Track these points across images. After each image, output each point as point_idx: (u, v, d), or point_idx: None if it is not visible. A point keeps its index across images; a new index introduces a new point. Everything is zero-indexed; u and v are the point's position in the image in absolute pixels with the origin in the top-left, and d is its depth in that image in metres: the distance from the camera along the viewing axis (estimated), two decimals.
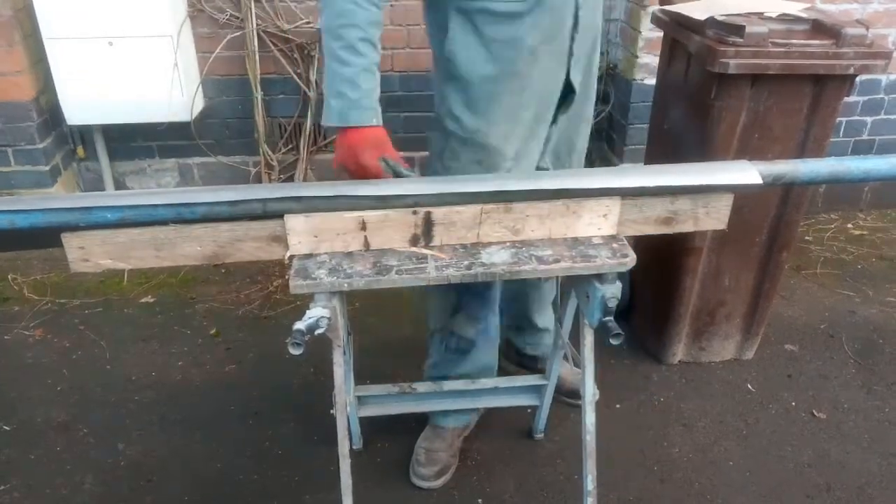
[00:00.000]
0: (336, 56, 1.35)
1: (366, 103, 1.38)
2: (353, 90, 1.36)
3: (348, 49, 1.35)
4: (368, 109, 1.39)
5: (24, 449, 2.00)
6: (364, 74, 1.37)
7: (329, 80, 1.38)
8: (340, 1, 1.33)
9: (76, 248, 1.27)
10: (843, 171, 1.38)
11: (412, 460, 1.95)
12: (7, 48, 2.67)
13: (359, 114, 1.38)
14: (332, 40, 1.35)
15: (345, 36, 1.34)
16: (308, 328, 1.19)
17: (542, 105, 1.59)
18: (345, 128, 1.39)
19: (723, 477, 1.95)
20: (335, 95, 1.37)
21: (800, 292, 2.75)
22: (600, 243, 1.34)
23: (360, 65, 1.36)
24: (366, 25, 1.35)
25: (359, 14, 1.34)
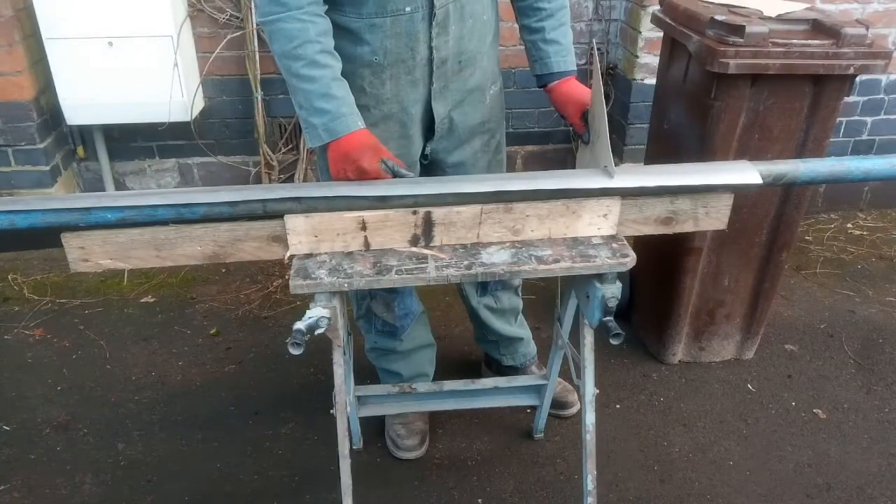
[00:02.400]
0: (300, 76, 1.34)
1: (346, 110, 1.37)
2: (330, 101, 1.35)
3: (311, 65, 1.33)
4: (351, 115, 1.38)
5: (24, 449, 2.00)
6: (335, 83, 1.36)
7: (304, 101, 1.36)
8: (286, 24, 1.32)
9: (76, 248, 1.27)
10: (843, 171, 1.38)
11: (389, 437, 1.99)
12: (7, 48, 2.67)
13: (344, 122, 1.37)
14: (291, 62, 1.34)
15: (303, 55, 1.33)
16: (308, 328, 1.20)
17: (396, 128, 1.56)
18: (334, 141, 1.38)
19: (723, 477, 1.95)
20: (315, 114, 1.36)
21: (800, 292, 2.75)
22: (600, 243, 1.35)
23: (327, 76, 1.35)
24: (319, 37, 1.34)
25: (309, 29, 1.33)
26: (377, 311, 1.88)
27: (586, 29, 3.14)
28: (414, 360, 2.03)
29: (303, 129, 1.41)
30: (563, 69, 1.62)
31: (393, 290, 1.84)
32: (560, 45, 1.61)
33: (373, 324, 1.92)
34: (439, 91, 1.55)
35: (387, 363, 2.02)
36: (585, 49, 3.18)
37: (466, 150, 1.68)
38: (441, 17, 1.45)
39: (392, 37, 1.44)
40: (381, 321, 1.90)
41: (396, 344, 1.96)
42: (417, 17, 1.43)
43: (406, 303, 1.91)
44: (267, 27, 1.36)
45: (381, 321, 1.90)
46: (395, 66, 1.48)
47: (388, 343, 1.96)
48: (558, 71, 1.62)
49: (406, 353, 2.00)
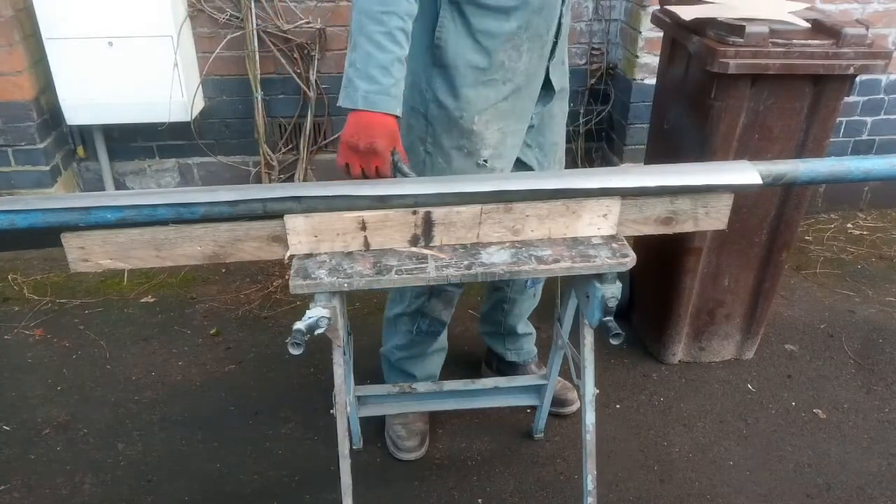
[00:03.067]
0: (374, 40, 1.33)
1: (395, 92, 1.37)
2: (386, 77, 1.34)
3: (388, 36, 1.33)
4: (396, 98, 1.38)
5: (24, 449, 2.00)
6: (398, 64, 1.36)
7: (360, 63, 1.34)
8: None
9: (76, 248, 1.27)
10: (843, 171, 1.38)
11: (390, 438, 1.99)
12: (7, 48, 2.67)
13: (387, 101, 1.36)
14: (370, 23, 1.33)
15: (386, 22, 1.32)
16: (308, 328, 1.20)
17: (523, 100, 1.62)
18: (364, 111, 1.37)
19: (723, 477, 1.95)
20: (366, 78, 1.34)
21: (800, 292, 2.75)
22: (600, 243, 1.35)
23: (396, 53, 1.35)
24: (406, 17, 1.35)
25: (402, 4, 1.34)
26: (432, 311, 1.86)
27: (586, 29, 3.14)
28: (430, 362, 2.04)
29: (343, 85, 1.38)
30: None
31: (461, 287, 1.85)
32: None
33: (417, 323, 1.90)
34: (556, 61, 1.64)
35: (408, 365, 2.00)
36: (585, 49, 3.18)
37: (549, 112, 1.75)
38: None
39: (537, 12, 1.50)
40: (429, 321, 1.88)
41: (433, 344, 1.96)
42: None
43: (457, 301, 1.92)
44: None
45: (428, 321, 1.88)
46: (533, 39, 1.54)
47: (427, 343, 1.95)
48: None
49: (430, 354, 2.01)
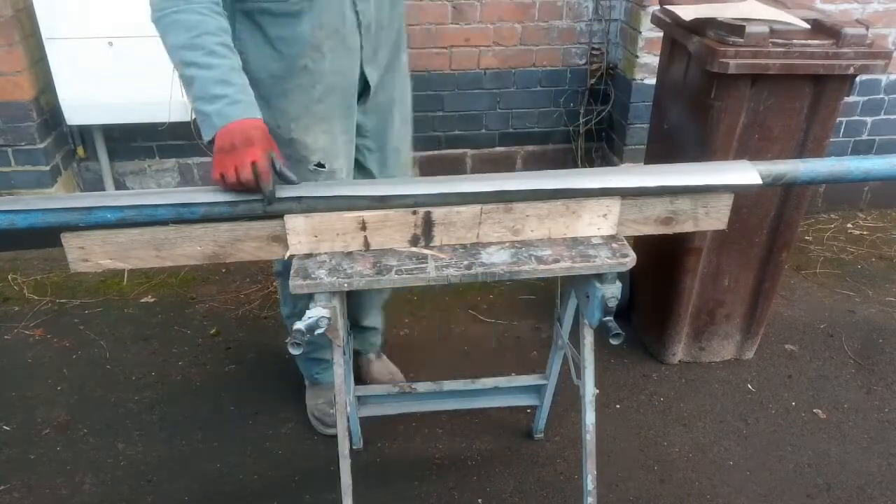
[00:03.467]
0: (198, 64, 1.29)
1: (244, 98, 1.31)
2: (228, 87, 1.30)
3: (210, 54, 1.29)
4: (249, 104, 1.32)
5: (24, 449, 2.00)
6: (234, 72, 1.32)
7: (198, 92, 1.29)
8: (184, 15, 1.29)
9: (76, 248, 1.27)
10: (843, 171, 1.38)
11: (314, 416, 2.06)
12: (7, 48, 2.67)
13: (241, 108, 1.30)
14: (188, 52, 1.29)
15: (202, 44, 1.29)
16: (308, 328, 1.20)
17: (339, 99, 1.61)
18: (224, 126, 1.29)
19: (723, 477, 1.95)
20: (210, 101, 1.28)
21: (800, 292, 2.75)
22: (600, 243, 1.35)
23: (226, 65, 1.31)
24: (219, 32, 1.32)
25: (209, 22, 1.31)
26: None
27: (586, 29, 3.14)
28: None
29: (198, 124, 1.32)
30: None
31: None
32: None
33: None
34: (370, 56, 1.60)
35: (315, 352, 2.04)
36: (585, 49, 3.18)
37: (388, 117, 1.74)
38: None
39: (325, 9, 1.47)
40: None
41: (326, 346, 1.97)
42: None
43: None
44: (162, 22, 1.31)
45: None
46: (332, 37, 1.51)
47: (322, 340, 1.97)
48: None
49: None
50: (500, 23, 3.05)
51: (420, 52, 3.05)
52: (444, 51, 3.07)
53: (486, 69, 3.15)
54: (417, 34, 3.01)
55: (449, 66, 3.11)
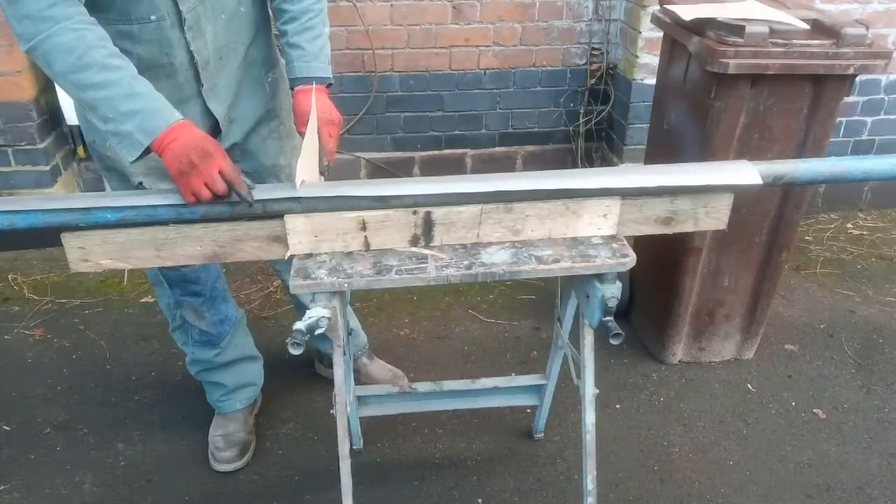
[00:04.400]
0: (95, 84, 1.20)
1: (158, 104, 1.24)
2: (138, 100, 1.22)
3: (104, 69, 1.20)
4: (166, 108, 1.25)
5: (24, 449, 2.00)
6: (136, 81, 1.24)
7: (108, 113, 1.21)
8: (60, 37, 1.18)
9: (76, 248, 1.27)
10: (843, 171, 1.38)
11: (210, 451, 1.96)
12: (7, 48, 2.67)
13: (162, 116, 1.24)
14: (80, 75, 1.19)
15: (91, 62, 1.19)
16: (308, 328, 1.20)
17: None
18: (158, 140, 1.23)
19: (723, 477, 1.95)
20: (123, 120, 1.21)
21: (800, 292, 2.75)
22: (600, 243, 1.35)
23: (125, 76, 1.23)
24: (102, 42, 1.22)
25: (87, 36, 1.20)
26: (190, 320, 1.83)
27: (586, 29, 3.14)
28: (237, 370, 2.00)
29: (116, 146, 1.25)
30: (300, 75, 1.55)
31: (200, 294, 1.80)
32: (303, 49, 1.53)
33: (189, 335, 1.87)
34: (210, 90, 1.49)
35: (209, 375, 1.98)
36: (585, 49, 3.18)
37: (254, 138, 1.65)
38: (192, 21, 1.38)
39: (142, 44, 1.36)
40: (198, 330, 1.85)
41: (216, 353, 1.91)
42: (166, 25, 1.36)
43: (220, 308, 1.86)
44: (38, 50, 1.19)
45: (197, 330, 1.85)
46: (153, 69, 1.39)
47: (207, 353, 1.91)
48: (294, 76, 1.55)
49: (228, 364, 1.96)
50: (500, 23, 3.05)
51: (420, 52, 3.05)
52: (444, 51, 3.07)
53: (486, 69, 3.15)
54: (417, 34, 3.01)
55: (449, 66, 3.11)
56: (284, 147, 1.72)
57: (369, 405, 1.88)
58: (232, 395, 2.00)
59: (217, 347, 1.91)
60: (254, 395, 2.07)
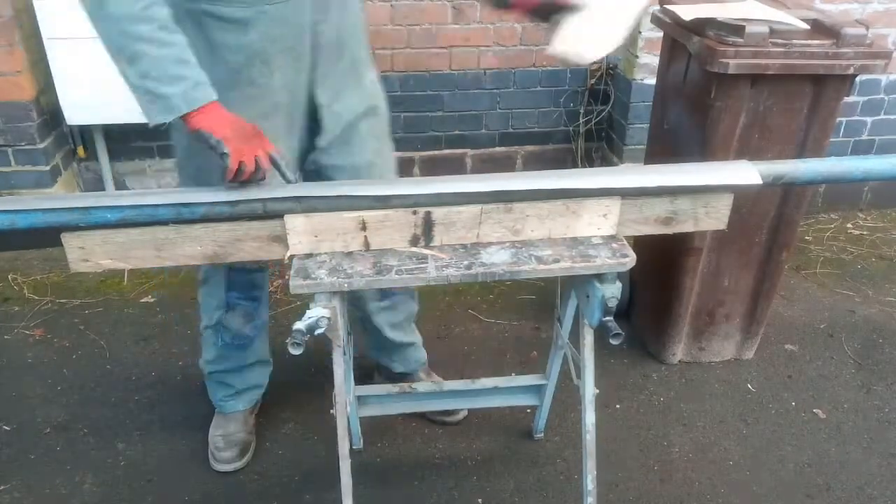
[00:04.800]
0: (151, 40, 1.18)
1: (204, 78, 1.25)
2: (189, 68, 1.22)
3: (164, 28, 1.19)
4: (209, 84, 1.26)
5: (24, 449, 2.00)
6: (187, 50, 1.23)
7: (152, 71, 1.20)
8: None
9: (76, 248, 1.27)
10: (843, 171, 1.38)
11: (209, 451, 1.95)
12: (7, 48, 2.67)
13: (204, 91, 1.24)
14: (138, 25, 1.17)
15: (154, 16, 1.18)
16: (308, 328, 1.20)
17: (284, 118, 1.52)
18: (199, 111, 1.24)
19: (723, 477, 1.95)
20: (171, 81, 1.20)
21: (800, 292, 2.75)
22: (600, 243, 1.35)
23: (181, 41, 1.22)
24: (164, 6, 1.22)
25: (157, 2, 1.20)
26: (231, 325, 1.81)
27: None
28: (250, 374, 1.99)
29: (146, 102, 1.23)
30: None
31: (257, 299, 1.81)
32: None
33: (220, 336, 1.85)
34: (322, 77, 1.51)
35: (223, 376, 1.96)
36: None
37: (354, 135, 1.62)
38: (322, 2, 1.42)
39: (278, 23, 1.38)
40: (232, 334, 1.84)
41: (242, 356, 1.91)
42: (300, 3, 1.39)
43: (263, 312, 1.88)
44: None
45: (231, 334, 1.84)
46: (284, 53, 1.42)
47: (235, 356, 1.90)
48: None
49: (248, 367, 1.96)
50: (500, 23, 3.05)
51: (420, 52, 3.05)
52: (444, 51, 3.07)
53: (486, 69, 3.15)
54: (417, 34, 3.01)
55: (449, 66, 3.11)
56: (382, 148, 1.71)
57: (369, 405, 1.88)
58: (237, 397, 2.00)
59: (247, 351, 1.91)
60: (257, 396, 2.06)
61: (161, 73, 1.20)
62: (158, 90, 1.21)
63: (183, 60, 1.22)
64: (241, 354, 1.92)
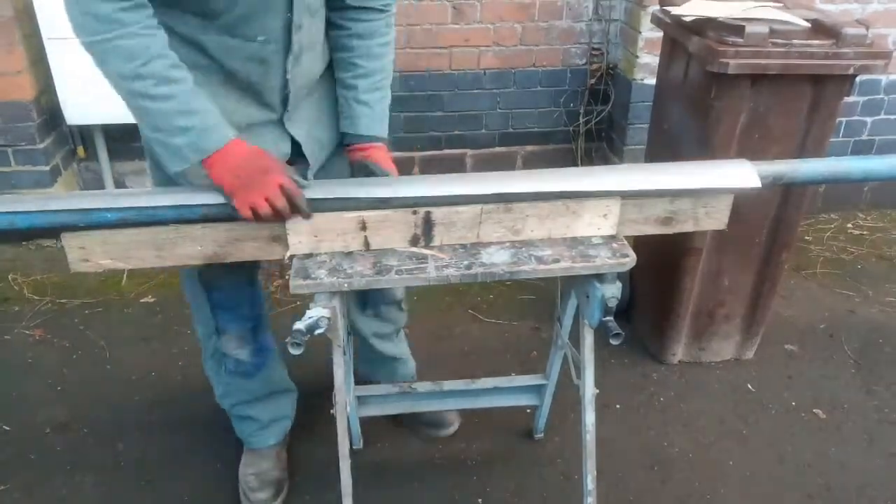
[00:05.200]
0: (152, 96, 1.18)
1: (213, 121, 1.23)
2: (192, 117, 1.21)
3: (162, 82, 1.18)
4: (219, 126, 1.24)
5: (24, 449, 2.00)
6: (193, 97, 1.22)
7: (160, 124, 1.21)
8: (124, 41, 1.15)
9: (76, 248, 1.27)
10: (843, 171, 1.38)
11: (242, 491, 1.85)
12: (7, 48, 2.67)
13: (215, 136, 1.23)
14: (136, 83, 1.17)
15: (151, 73, 1.17)
16: (308, 328, 1.20)
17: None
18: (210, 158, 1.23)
19: (723, 477, 1.95)
20: (178, 133, 1.21)
21: (800, 292, 2.75)
22: (600, 243, 1.35)
23: (184, 90, 1.21)
24: (164, 51, 1.19)
25: (151, 45, 1.17)
26: (228, 350, 1.71)
27: (586, 29, 3.14)
28: (272, 404, 1.90)
29: (159, 154, 1.25)
30: (371, 133, 1.52)
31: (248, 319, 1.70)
32: (371, 109, 1.51)
33: (223, 365, 1.75)
34: (293, 114, 1.47)
35: (243, 409, 1.86)
36: (585, 49, 3.18)
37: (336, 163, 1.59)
38: (297, 49, 1.37)
39: (241, 60, 1.33)
40: (234, 361, 1.73)
41: (252, 386, 1.80)
42: (271, 49, 1.33)
43: (263, 336, 1.75)
44: (96, 48, 1.17)
45: (232, 361, 1.73)
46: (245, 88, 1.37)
47: (243, 385, 1.79)
48: (367, 134, 1.52)
49: (264, 397, 1.86)
50: (500, 23, 3.05)
51: (420, 52, 3.05)
52: (444, 51, 3.07)
53: (486, 69, 3.15)
54: (417, 34, 3.01)
55: (449, 66, 3.11)
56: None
57: (369, 405, 1.88)
58: (265, 430, 1.90)
59: (253, 379, 1.78)
60: (286, 428, 1.96)
61: (167, 126, 1.21)
62: (168, 141, 1.22)
63: (186, 111, 1.21)
64: (249, 384, 1.80)
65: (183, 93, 1.21)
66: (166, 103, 1.20)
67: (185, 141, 1.21)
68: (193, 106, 1.22)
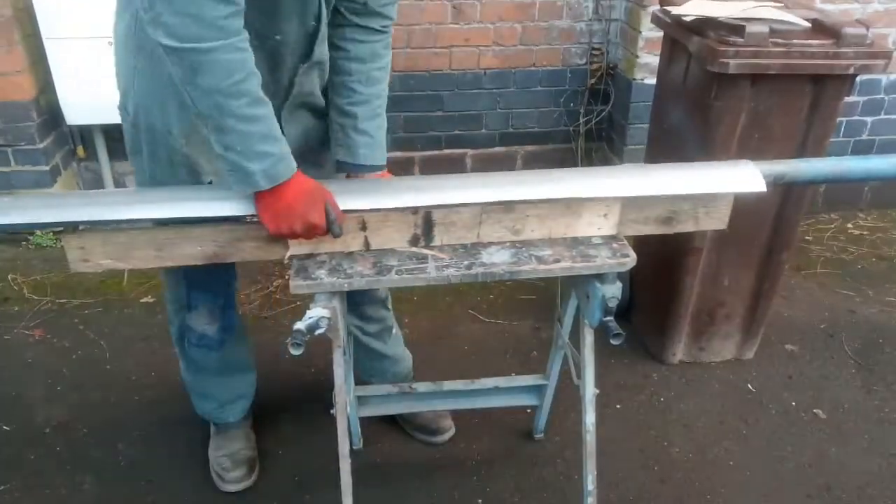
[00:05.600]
0: (241, 116, 1.15)
1: (286, 151, 1.23)
2: (274, 143, 1.21)
3: (254, 103, 1.17)
4: (290, 156, 1.24)
5: (24, 449, 2.00)
6: (274, 122, 1.22)
7: (238, 145, 1.18)
8: (224, 55, 1.11)
9: (76, 248, 1.27)
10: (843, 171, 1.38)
11: (214, 472, 1.88)
12: (7, 48, 2.67)
13: (286, 165, 1.23)
14: (229, 101, 1.14)
15: (246, 91, 1.15)
16: (308, 328, 1.20)
17: None
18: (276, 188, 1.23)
19: (723, 477, 1.95)
20: (256, 158, 1.19)
21: (800, 292, 2.75)
22: (600, 243, 1.35)
23: (268, 113, 1.20)
24: (256, 70, 1.18)
25: (248, 60, 1.15)
26: (196, 325, 1.72)
27: (586, 29, 3.14)
28: (230, 381, 1.90)
29: (228, 169, 1.22)
30: (371, 163, 1.50)
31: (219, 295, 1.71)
32: (371, 138, 1.49)
33: (186, 339, 1.77)
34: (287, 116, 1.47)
35: (202, 384, 1.88)
36: (585, 49, 3.18)
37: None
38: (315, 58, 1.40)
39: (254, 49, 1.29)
40: (197, 334, 1.74)
41: (214, 359, 1.80)
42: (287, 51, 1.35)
43: (230, 313, 1.76)
44: (189, 55, 1.09)
45: (196, 334, 1.74)
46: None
47: (205, 358, 1.80)
48: (366, 164, 1.50)
49: (223, 371, 1.85)
50: (500, 23, 3.05)
51: (420, 52, 3.05)
52: (444, 51, 3.07)
53: (486, 69, 3.15)
54: (417, 34, 3.01)
55: (449, 66, 3.11)
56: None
57: (369, 405, 1.88)
58: (224, 408, 1.92)
59: (215, 352, 1.81)
60: (246, 407, 1.97)
61: (246, 149, 1.18)
62: (241, 164, 1.20)
63: (269, 137, 1.20)
64: (209, 357, 1.80)
65: (268, 117, 1.19)
66: (253, 125, 1.17)
67: (261, 167, 1.19)
68: (275, 132, 1.21)
